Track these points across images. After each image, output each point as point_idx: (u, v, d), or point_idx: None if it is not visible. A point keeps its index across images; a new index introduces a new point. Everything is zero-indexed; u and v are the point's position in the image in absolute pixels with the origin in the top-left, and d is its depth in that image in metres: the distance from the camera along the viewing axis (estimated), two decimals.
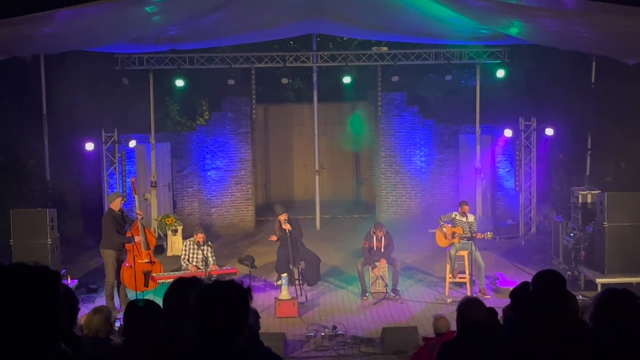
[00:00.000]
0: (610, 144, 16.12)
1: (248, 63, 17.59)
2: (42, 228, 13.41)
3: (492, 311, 5.53)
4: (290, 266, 13.53)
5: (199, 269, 12.92)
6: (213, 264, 13.14)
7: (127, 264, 12.83)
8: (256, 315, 6.41)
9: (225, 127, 18.98)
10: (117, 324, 8.18)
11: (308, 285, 13.62)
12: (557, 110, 16.90)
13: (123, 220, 12.92)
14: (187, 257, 13.24)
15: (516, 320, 4.84)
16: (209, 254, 13.25)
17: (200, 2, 12.75)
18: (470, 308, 5.42)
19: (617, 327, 3.98)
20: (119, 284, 12.82)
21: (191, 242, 13.34)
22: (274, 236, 13.96)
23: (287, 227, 13.59)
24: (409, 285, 14.07)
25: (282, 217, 13.76)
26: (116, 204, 12.87)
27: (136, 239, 12.82)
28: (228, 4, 12.85)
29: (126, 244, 12.85)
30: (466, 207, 13.68)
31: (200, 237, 13.28)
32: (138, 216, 13.19)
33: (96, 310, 6.15)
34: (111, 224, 12.70)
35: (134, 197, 14.20)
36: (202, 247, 13.21)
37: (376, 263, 13.43)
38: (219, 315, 3.27)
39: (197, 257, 13.21)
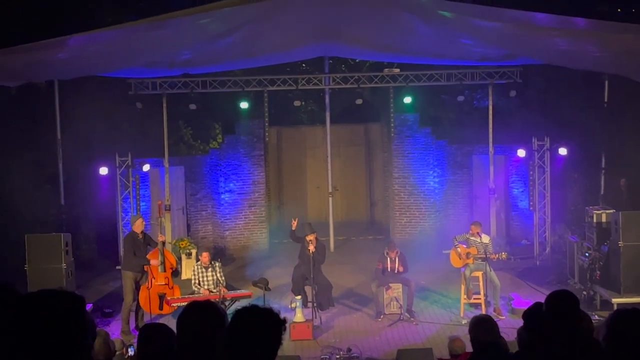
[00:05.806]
0: (625, 163, 16.05)
1: (261, 86, 17.66)
2: (57, 253, 13.45)
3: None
4: (306, 287, 13.43)
5: (212, 292, 12.85)
6: (222, 284, 13.05)
7: (145, 285, 12.86)
8: None
9: (238, 150, 19.04)
10: (131, 350, 8.20)
11: (320, 309, 13.50)
12: (570, 129, 16.86)
13: (145, 243, 12.95)
14: (197, 281, 13.15)
15: (530, 341, 4.81)
16: (219, 275, 13.20)
17: (212, 26, 12.82)
18: (477, 329, 5.43)
19: (630, 347, 3.94)
20: (138, 307, 12.83)
21: (198, 266, 13.27)
22: (294, 223, 13.83)
23: (311, 248, 13.27)
24: (424, 307, 14.01)
25: (309, 237, 13.42)
26: (137, 226, 12.91)
27: (152, 262, 12.83)
28: (240, 28, 12.92)
29: (145, 266, 12.88)
30: (476, 228, 13.51)
31: (205, 257, 13.21)
32: (159, 239, 13.18)
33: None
34: (129, 245, 12.80)
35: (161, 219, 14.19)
36: (210, 268, 13.17)
37: (390, 284, 13.38)
38: (251, 340, 3.22)
39: (207, 280, 13.12)
